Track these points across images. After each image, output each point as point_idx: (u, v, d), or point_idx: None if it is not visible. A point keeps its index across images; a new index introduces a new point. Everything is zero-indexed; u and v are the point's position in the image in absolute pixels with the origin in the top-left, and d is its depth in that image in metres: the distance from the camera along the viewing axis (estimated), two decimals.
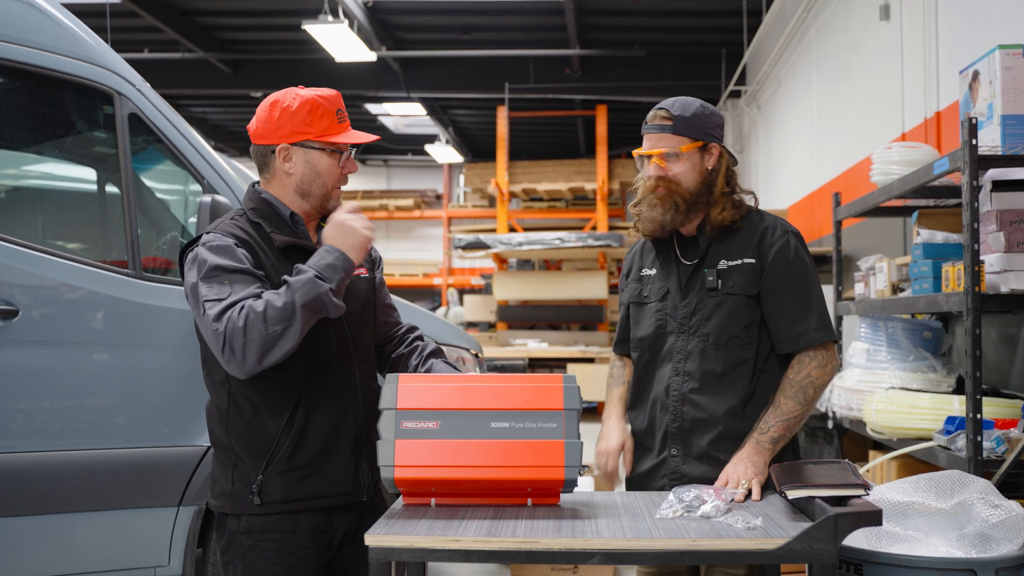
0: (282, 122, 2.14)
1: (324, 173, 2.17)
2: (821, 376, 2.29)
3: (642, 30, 11.14)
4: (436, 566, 4.79)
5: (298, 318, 1.96)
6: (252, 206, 2.20)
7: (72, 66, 3.11)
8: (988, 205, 3.24)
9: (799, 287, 2.32)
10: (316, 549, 2.14)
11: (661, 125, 2.34)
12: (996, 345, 4.08)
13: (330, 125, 2.16)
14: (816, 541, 1.75)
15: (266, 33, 11.58)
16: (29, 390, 3.00)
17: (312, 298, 1.97)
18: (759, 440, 2.24)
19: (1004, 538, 2.22)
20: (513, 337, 11.94)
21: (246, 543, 2.11)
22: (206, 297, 2.00)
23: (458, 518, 1.94)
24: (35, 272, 3.00)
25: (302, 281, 1.98)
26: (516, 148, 15.11)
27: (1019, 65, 3.09)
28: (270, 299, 1.97)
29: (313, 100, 2.15)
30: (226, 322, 1.95)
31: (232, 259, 2.04)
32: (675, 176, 2.34)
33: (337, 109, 2.18)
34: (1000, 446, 3.05)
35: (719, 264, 2.36)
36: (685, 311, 2.38)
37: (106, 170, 3.60)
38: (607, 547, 1.77)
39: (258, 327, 1.94)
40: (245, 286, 2.01)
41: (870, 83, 6.42)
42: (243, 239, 2.10)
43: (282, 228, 2.17)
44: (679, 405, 2.36)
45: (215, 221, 2.22)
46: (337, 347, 2.19)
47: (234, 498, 2.13)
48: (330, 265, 2.03)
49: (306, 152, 2.16)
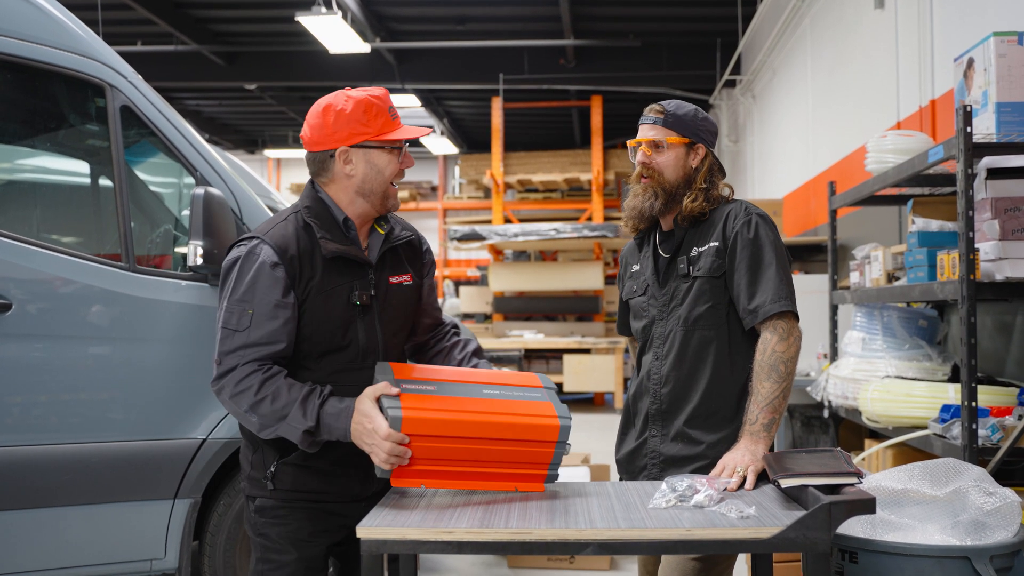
0: (339, 126, 2.15)
1: (385, 170, 2.20)
2: (787, 349, 2.33)
3: (637, 20, 11.11)
4: (434, 559, 4.80)
5: (271, 432, 2.07)
6: (307, 204, 2.22)
7: (63, 58, 3.09)
8: (983, 193, 3.24)
9: (757, 263, 2.39)
10: (328, 527, 2.22)
11: (653, 118, 2.51)
12: (991, 333, 4.08)
13: (385, 123, 2.18)
14: (810, 529, 1.75)
15: (260, 25, 11.54)
16: (23, 384, 2.99)
17: (287, 434, 2.06)
18: (752, 431, 2.27)
19: (998, 525, 2.23)
20: (509, 328, 11.94)
21: (260, 521, 2.21)
22: (226, 323, 2.09)
23: (451, 508, 1.93)
24: (28, 266, 2.99)
25: (296, 420, 2.03)
26: (511, 139, 15.09)
27: (1014, 52, 3.08)
28: (272, 393, 2.04)
29: (367, 101, 2.16)
30: (227, 368, 2.06)
31: (264, 288, 2.09)
32: (658, 165, 2.48)
33: (389, 106, 2.20)
34: (995, 434, 3.06)
35: (691, 252, 2.48)
36: (664, 299, 2.51)
37: (99, 163, 3.58)
38: (600, 537, 1.77)
39: (243, 403, 2.05)
40: (265, 324, 2.07)
41: (865, 71, 6.41)
42: (290, 254, 2.12)
43: (333, 232, 2.19)
44: (658, 387, 2.48)
45: (276, 217, 2.23)
46: (368, 352, 2.22)
47: (251, 481, 2.23)
48: (331, 427, 2.05)
49: (366, 152, 2.18)
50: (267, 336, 2.07)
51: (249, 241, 2.16)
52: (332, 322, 2.16)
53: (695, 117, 2.51)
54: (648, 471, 2.46)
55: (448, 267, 17.73)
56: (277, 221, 2.20)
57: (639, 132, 2.54)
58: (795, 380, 5.29)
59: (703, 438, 2.38)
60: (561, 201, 14.96)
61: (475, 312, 13.03)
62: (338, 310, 2.17)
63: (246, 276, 2.10)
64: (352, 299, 2.18)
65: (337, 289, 2.17)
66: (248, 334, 2.06)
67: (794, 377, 2.37)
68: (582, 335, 11.51)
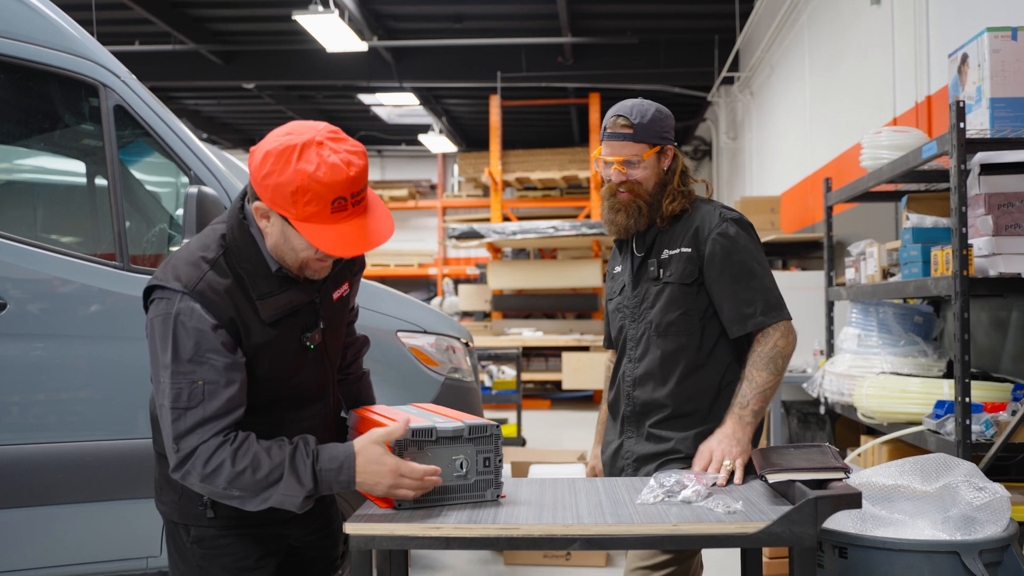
0: (267, 183, 1.78)
1: (300, 252, 1.86)
2: (787, 346, 2.35)
3: (634, 17, 11.10)
4: (431, 556, 4.81)
5: (260, 503, 1.83)
6: (237, 244, 1.89)
7: (56, 58, 3.10)
8: (976, 189, 3.24)
9: (740, 273, 2.37)
10: (271, 550, 2.03)
11: (623, 134, 2.45)
12: (986, 329, 4.08)
13: (317, 213, 1.77)
14: (796, 524, 1.76)
15: (257, 24, 11.54)
16: (18, 383, 3.00)
17: (279, 503, 1.83)
18: (740, 415, 2.29)
19: (988, 520, 2.23)
20: (508, 326, 11.94)
21: (198, 552, 1.98)
22: (175, 402, 1.80)
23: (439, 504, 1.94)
24: (22, 265, 3.00)
25: (290, 488, 1.81)
26: (509, 137, 15.09)
27: (1008, 48, 3.08)
28: (251, 464, 1.79)
29: (303, 183, 1.75)
30: (188, 451, 1.80)
31: (209, 353, 1.81)
32: (637, 179, 2.46)
33: (336, 197, 1.77)
34: (989, 429, 3.06)
35: (661, 253, 2.46)
36: (635, 301, 2.51)
37: (93, 163, 3.59)
38: (587, 532, 1.78)
39: (218, 482, 1.79)
40: (220, 392, 1.81)
41: (862, 68, 6.41)
42: (226, 316, 1.84)
43: (268, 282, 1.90)
44: (631, 390, 2.49)
45: (197, 250, 1.90)
46: (318, 388, 2.05)
47: (183, 508, 1.98)
48: (331, 483, 1.83)
49: (283, 223, 1.82)
50: (224, 406, 1.81)
51: (172, 295, 1.83)
52: (282, 370, 1.93)
53: (658, 119, 2.47)
54: (625, 472, 2.49)
55: (447, 265, 17.73)
56: (203, 266, 1.86)
57: (606, 147, 2.48)
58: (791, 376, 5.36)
59: (672, 436, 2.40)
60: (560, 199, 14.97)
61: (474, 310, 13.04)
62: (287, 358, 1.94)
63: (185, 342, 1.80)
64: (304, 341, 1.96)
65: (285, 337, 1.92)
66: (204, 408, 1.80)
67: (784, 373, 2.38)
68: (581, 333, 11.51)
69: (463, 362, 3.96)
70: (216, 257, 1.88)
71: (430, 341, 3.78)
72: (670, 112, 2.54)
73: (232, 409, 1.83)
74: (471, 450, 1.95)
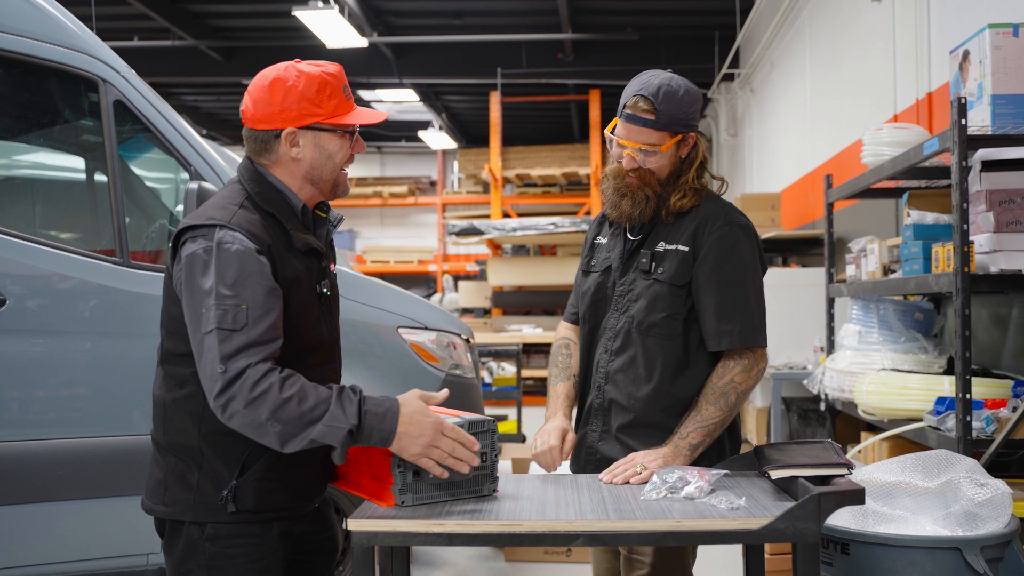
0: (288, 104, 1.91)
1: (336, 156, 1.98)
2: (745, 381, 2.22)
3: (634, 13, 11.10)
4: (431, 552, 4.81)
5: (299, 441, 1.78)
6: (257, 189, 1.96)
7: (56, 53, 3.09)
8: (978, 185, 3.23)
9: (730, 283, 2.23)
10: (284, 552, 1.99)
11: (643, 119, 2.23)
12: (987, 326, 4.08)
13: (339, 105, 1.95)
14: (799, 520, 1.75)
15: (257, 20, 11.52)
16: (18, 379, 3.00)
17: (320, 439, 1.79)
18: (678, 444, 2.19)
19: (990, 516, 2.23)
20: (508, 323, 11.94)
21: (211, 550, 1.90)
22: (220, 323, 1.78)
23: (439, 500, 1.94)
24: (22, 261, 2.99)
25: (336, 419, 1.78)
26: (509, 133, 15.07)
27: (1009, 44, 3.08)
28: (298, 394, 1.77)
29: (320, 78, 1.93)
30: (236, 373, 1.76)
31: (253, 277, 1.82)
32: (650, 167, 2.27)
33: (344, 85, 1.98)
34: (989, 426, 3.06)
35: (657, 245, 2.29)
36: (621, 288, 2.33)
37: (93, 158, 3.58)
38: (590, 529, 1.77)
39: (262, 410, 1.75)
40: (263, 319, 1.81)
41: (862, 65, 6.40)
42: (265, 243, 1.87)
43: (293, 222, 1.96)
44: (603, 383, 2.33)
45: (219, 200, 1.95)
46: (330, 348, 2.06)
47: (197, 504, 1.90)
48: (373, 429, 1.81)
49: (315, 135, 1.95)
50: (267, 332, 1.80)
51: (208, 229, 1.86)
52: (304, 317, 1.94)
53: (686, 103, 2.24)
54: (585, 470, 2.34)
55: (447, 262, 17.72)
56: (231, 207, 1.91)
57: (623, 129, 2.27)
58: (792, 373, 5.35)
59: (638, 448, 2.23)
60: (560, 195, 14.95)
61: (474, 307, 13.04)
62: (309, 304, 1.96)
63: (229, 266, 1.82)
64: (320, 288, 1.99)
65: (308, 280, 1.96)
66: (248, 332, 1.78)
67: (741, 406, 2.26)
68: None
69: (464, 358, 3.96)
70: (242, 200, 1.94)
71: (431, 337, 3.77)
72: (699, 92, 2.30)
73: (275, 338, 1.82)
74: None
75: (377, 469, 1.95)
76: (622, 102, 2.30)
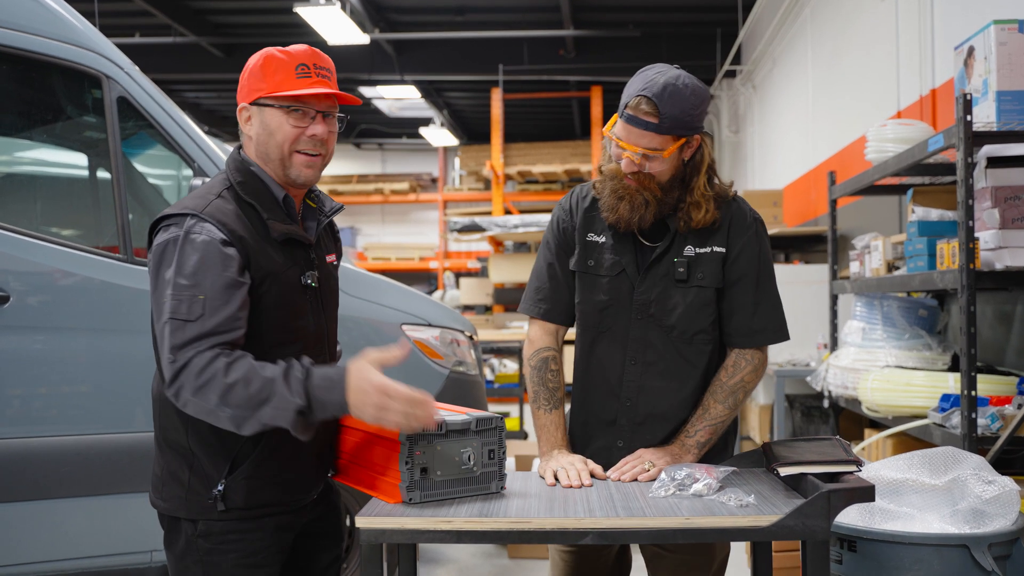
0: (243, 83, 1.97)
1: (276, 132, 1.93)
2: (753, 380, 2.23)
3: (636, 10, 11.08)
4: (435, 549, 4.81)
5: (253, 424, 1.77)
6: (240, 179, 1.96)
7: (59, 49, 3.08)
8: (983, 182, 3.23)
9: (763, 281, 2.23)
10: (280, 546, 1.99)
11: (646, 122, 2.10)
12: (992, 323, 4.07)
13: (284, 80, 1.91)
14: (809, 517, 1.75)
15: (258, 17, 11.51)
16: (21, 376, 2.99)
17: (273, 420, 1.76)
18: (685, 443, 2.20)
19: (997, 514, 2.23)
20: (509, 320, 11.92)
21: (204, 547, 1.91)
22: (174, 312, 1.79)
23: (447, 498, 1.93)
24: (26, 257, 2.99)
25: (282, 401, 1.75)
26: (511, 130, 15.06)
27: (1014, 40, 3.07)
28: (243, 378, 1.75)
29: (269, 55, 1.94)
30: (184, 362, 1.76)
31: (215, 268, 1.81)
32: (651, 171, 2.15)
33: (299, 64, 1.92)
34: (995, 423, 3.05)
35: (685, 250, 2.20)
36: (644, 297, 2.22)
37: (96, 154, 3.58)
38: (599, 526, 1.77)
39: (210, 396, 1.75)
40: (220, 309, 1.80)
41: (865, 61, 6.39)
42: (237, 234, 1.86)
43: (274, 211, 1.95)
44: (635, 396, 2.23)
45: (201, 190, 1.96)
46: (317, 340, 2.03)
47: (190, 502, 1.91)
48: (324, 402, 1.77)
49: (260, 111, 1.94)
50: (224, 323, 1.79)
51: (180, 219, 1.86)
52: (285, 308, 1.93)
53: (692, 106, 2.12)
54: None
55: (449, 259, 17.71)
56: (209, 196, 1.91)
57: (624, 130, 2.14)
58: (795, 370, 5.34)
59: None
60: (561, 192, 14.93)
61: (476, 304, 13.01)
62: (291, 295, 1.94)
63: (190, 256, 1.81)
64: (304, 280, 1.96)
65: (289, 271, 1.94)
66: (202, 323, 1.77)
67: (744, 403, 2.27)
68: None
69: (467, 355, 3.96)
70: (222, 190, 1.94)
71: (434, 334, 3.77)
72: (706, 91, 2.19)
73: (232, 328, 1.80)
74: (477, 443, 1.95)
75: (383, 465, 1.95)
76: (624, 100, 2.18)
